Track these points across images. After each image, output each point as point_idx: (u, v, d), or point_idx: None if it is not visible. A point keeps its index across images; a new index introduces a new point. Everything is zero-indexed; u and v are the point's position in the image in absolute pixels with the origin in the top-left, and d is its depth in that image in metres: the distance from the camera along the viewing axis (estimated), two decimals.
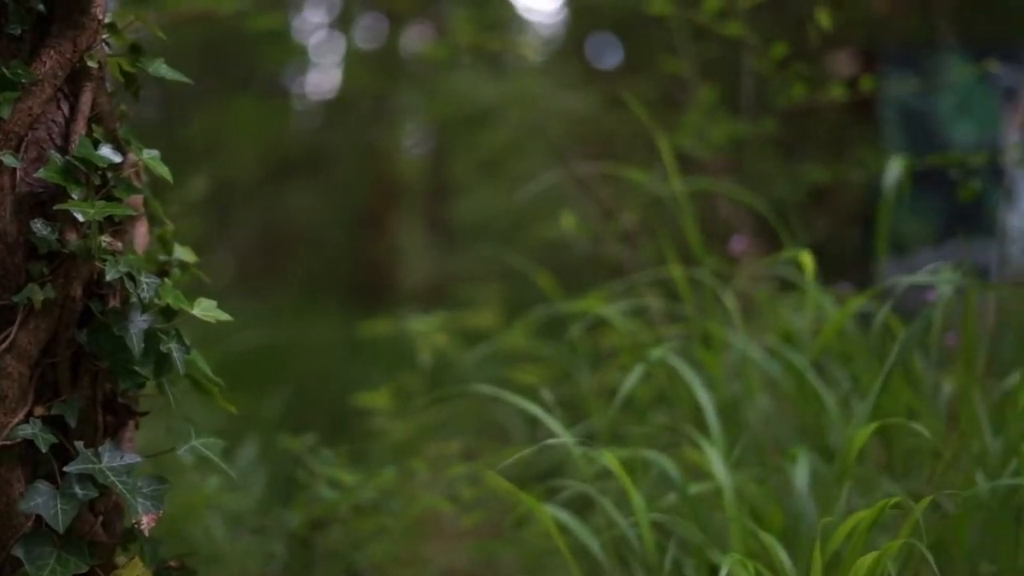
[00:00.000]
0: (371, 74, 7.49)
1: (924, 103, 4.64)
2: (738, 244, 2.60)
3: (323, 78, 9.94)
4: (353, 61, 8.75)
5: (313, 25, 9.49)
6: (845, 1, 5.33)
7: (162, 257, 1.87)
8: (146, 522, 1.69)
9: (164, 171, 1.76)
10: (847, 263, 4.86)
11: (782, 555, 1.91)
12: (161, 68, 1.78)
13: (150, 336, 1.71)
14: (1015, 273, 4.47)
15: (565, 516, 2.14)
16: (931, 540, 2.18)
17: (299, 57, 9.52)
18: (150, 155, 1.76)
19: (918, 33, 5.43)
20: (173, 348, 1.72)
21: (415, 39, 7.71)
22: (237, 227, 9.09)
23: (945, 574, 2.20)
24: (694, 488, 2.13)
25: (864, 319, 2.58)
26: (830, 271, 4.54)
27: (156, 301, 1.72)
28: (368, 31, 9.10)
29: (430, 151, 8.52)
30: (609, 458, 1.97)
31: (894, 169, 2.39)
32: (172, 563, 1.86)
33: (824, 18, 2.42)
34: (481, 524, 2.84)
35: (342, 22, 8.71)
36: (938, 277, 2.26)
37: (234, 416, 3.76)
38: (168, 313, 1.79)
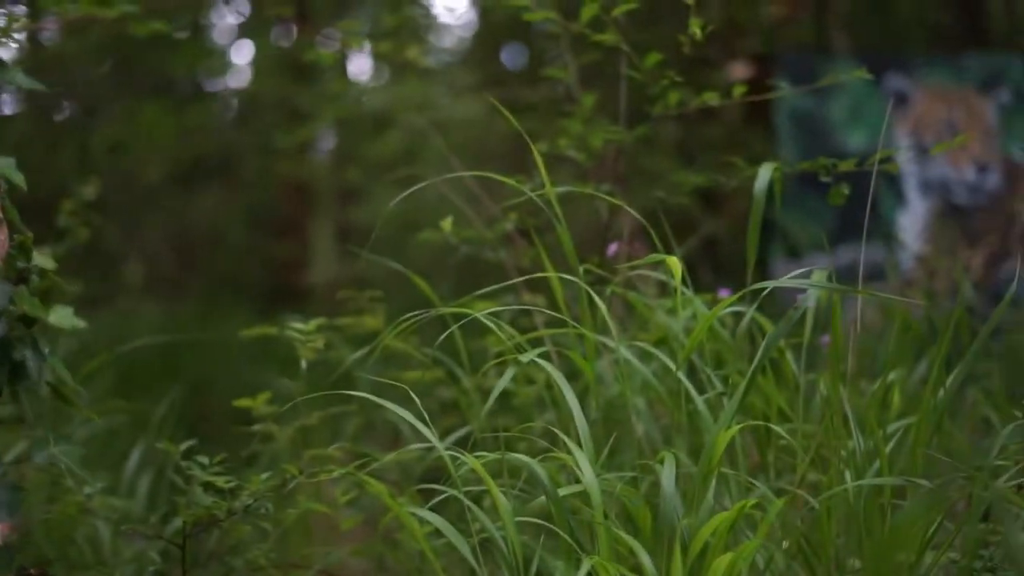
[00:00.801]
0: (276, 77, 7.46)
1: (818, 109, 4.73)
2: (613, 249, 2.63)
3: (239, 80, 9.90)
4: (262, 64, 8.71)
5: (228, 27, 9.46)
6: (744, 8, 5.42)
7: (21, 264, 1.85)
8: (0, 530, 1.68)
9: (19, 179, 1.75)
10: (744, 266, 4.93)
11: (644, 557, 1.93)
12: (17, 76, 1.77)
13: (4, 344, 1.70)
14: (903, 273, 4.57)
15: (438, 519, 2.15)
16: (801, 539, 2.23)
17: (215, 59, 9.46)
18: (6, 163, 1.75)
19: (814, 40, 5.52)
20: (28, 356, 1.71)
21: (324, 42, 7.70)
22: (150, 228, 9.00)
23: (814, 572, 2.25)
24: (564, 491, 2.15)
25: (750, 323, 2.62)
26: (728, 273, 4.61)
27: (12, 308, 1.72)
28: (280, 34, 9.07)
29: (336, 153, 8.50)
30: (474, 462, 1.99)
31: (764, 176, 2.43)
32: (33, 571, 1.85)
33: (696, 27, 2.46)
34: (374, 526, 2.85)
35: (252, 25, 8.66)
36: (802, 281, 2.29)
37: (133, 420, 3.72)
38: (28, 320, 1.78)
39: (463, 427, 2.87)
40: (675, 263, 2.30)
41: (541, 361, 2.23)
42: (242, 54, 9.77)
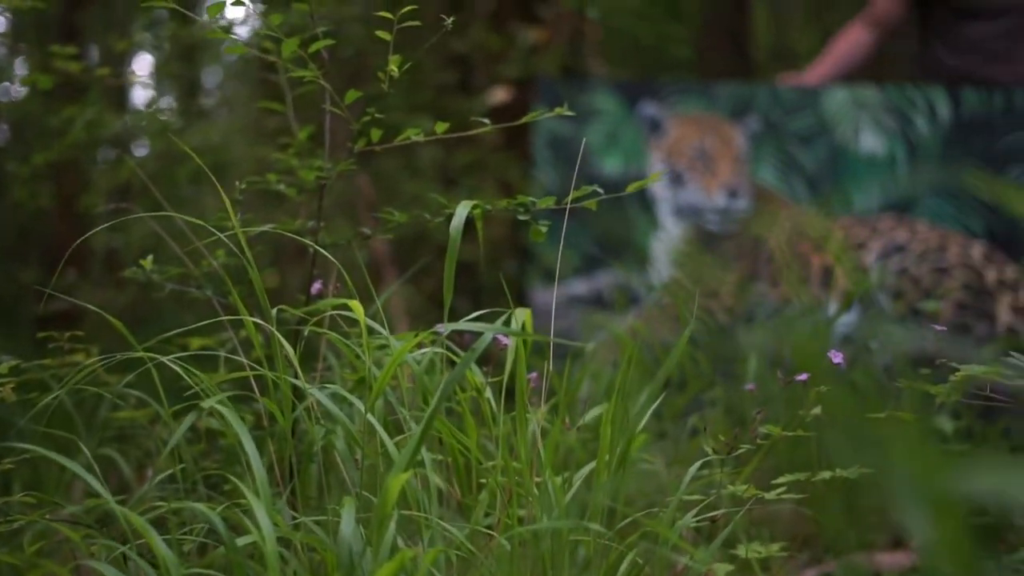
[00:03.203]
0: (42, 96, 7.21)
1: (576, 135, 4.77)
2: (317, 287, 2.58)
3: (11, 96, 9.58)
4: (31, 81, 8.41)
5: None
6: (501, 33, 5.45)
7: None
8: None
9: None
10: (502, 293, 4.96)
11: None
12: None
13: None
14: (656, 298, 4.64)
15: (111, 570, 2.08)
16: None
17: None
18: None
19: (572, 66, 5.59)
20: None
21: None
22: None
23: None
24: (242, 540, 2.11)
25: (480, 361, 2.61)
26: (488, 298, 4.61)
27: None
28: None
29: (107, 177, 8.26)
30: (134, 518, 1.93)
31: (460, 214, 2.41)
32: None
33: (394, 64, 2.43)
34: None
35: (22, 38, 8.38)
36: (480, 325, 2.28)
37: None
38: None
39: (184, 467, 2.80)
40: (357, 306, 2.27)
41: (220, 406, 2.18)
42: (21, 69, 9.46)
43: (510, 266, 4.87)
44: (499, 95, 5.19)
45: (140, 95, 7.93)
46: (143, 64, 8.22)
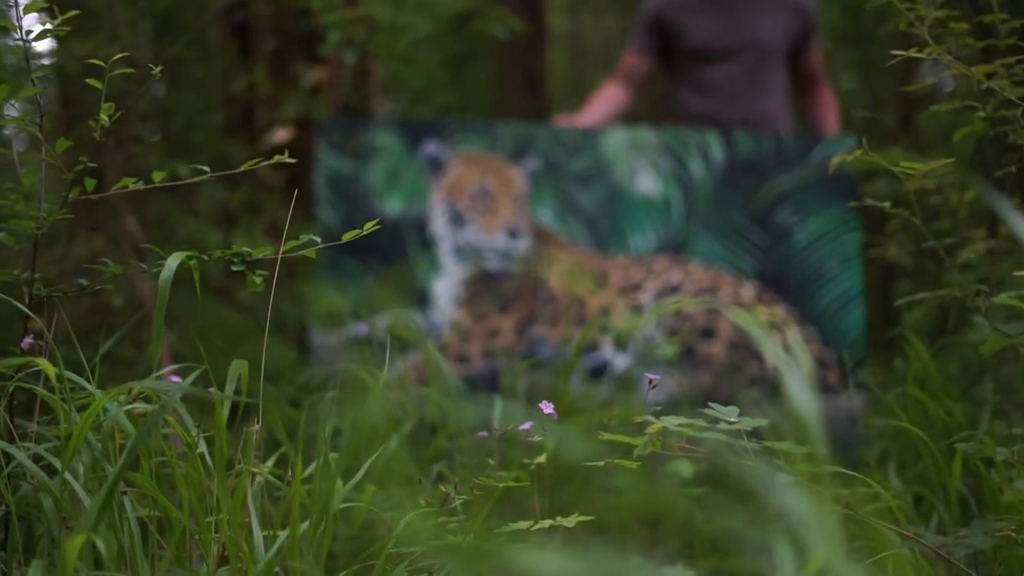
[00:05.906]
0: None
1: (357, 174, 4.75)
2: (27, 342, 2.51)
3: None
4: None
5: None
6: (286, 73, 5.42)
7: None
8: None
9: None
10: (289, 334, 4.93)
11: None
12: None
13: None
14: (437, 339, 4.64)
15: None
16: None
17: None
18: None
19: (356, 106, 5.57)
20: None
21: None
22: None
23: None
24: None
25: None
26: (273, 344, 4.52)
27: None
28: None
29: None
30: None
31: (171, 266, 2.37)
32: None
33: (105, 113, 2.39)
34: None
35: None
36: (161, 384, 2.25)
37: None
38: None
39: None
40: (46, 364, 2.21)
41: None
42: None
43: (289, 308, 4.82)
44: (280, 135, 5.15)
45: None
46: None
